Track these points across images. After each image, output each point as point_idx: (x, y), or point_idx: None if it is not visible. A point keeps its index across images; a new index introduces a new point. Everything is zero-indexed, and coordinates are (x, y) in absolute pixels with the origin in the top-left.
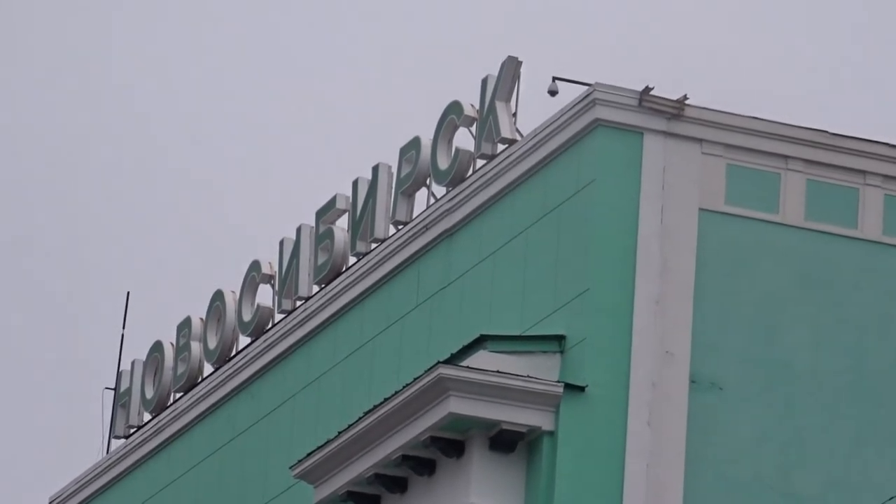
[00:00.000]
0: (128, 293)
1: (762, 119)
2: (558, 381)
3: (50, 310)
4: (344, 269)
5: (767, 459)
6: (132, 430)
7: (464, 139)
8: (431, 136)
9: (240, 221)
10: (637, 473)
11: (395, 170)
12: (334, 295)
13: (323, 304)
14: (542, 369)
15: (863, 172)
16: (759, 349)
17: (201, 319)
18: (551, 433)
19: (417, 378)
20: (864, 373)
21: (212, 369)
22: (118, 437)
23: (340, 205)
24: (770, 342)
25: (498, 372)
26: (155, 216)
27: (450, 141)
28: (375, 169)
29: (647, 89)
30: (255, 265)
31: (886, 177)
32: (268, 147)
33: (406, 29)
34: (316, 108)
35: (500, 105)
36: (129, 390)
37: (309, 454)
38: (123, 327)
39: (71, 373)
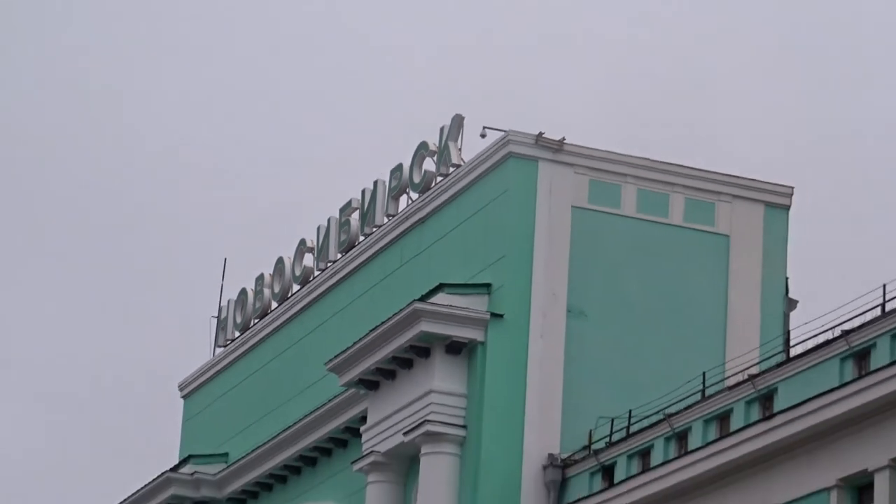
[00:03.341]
0: (225, 259)
1: (611, 151)
2: (487, 312)
3: (173, 272)
4: (356, 243)
5: (617, 361)
6: (228, 342)
7: (429, 164)
8: (409, 163)
9: (294, 215)
10: (535, 370)
11: (387, 183)
12: (350, 260)
13: (343, 265)
14: (477, 304)
15: (672, 184)
16: (611, 291)
17: (269, 275)
18: (483, 343)
19: (401, 309)
20: (679, 310)
21: (276, 305)
22: (219, 347)
23: (354, 204)
24: (617, 286)
25: (451, 306)
26: (243, 209)
27: (420, 165)
28: (375, 183)
29: (541, 134)
30: (302, 241)
31: (687, 186)
32: (308, 171)
33: (388, 100)
34: (339, 146)
35: (451, 144)
36: (225, 319)
37: (336, 355)
38: (222, 280)
39: (191, 310)
